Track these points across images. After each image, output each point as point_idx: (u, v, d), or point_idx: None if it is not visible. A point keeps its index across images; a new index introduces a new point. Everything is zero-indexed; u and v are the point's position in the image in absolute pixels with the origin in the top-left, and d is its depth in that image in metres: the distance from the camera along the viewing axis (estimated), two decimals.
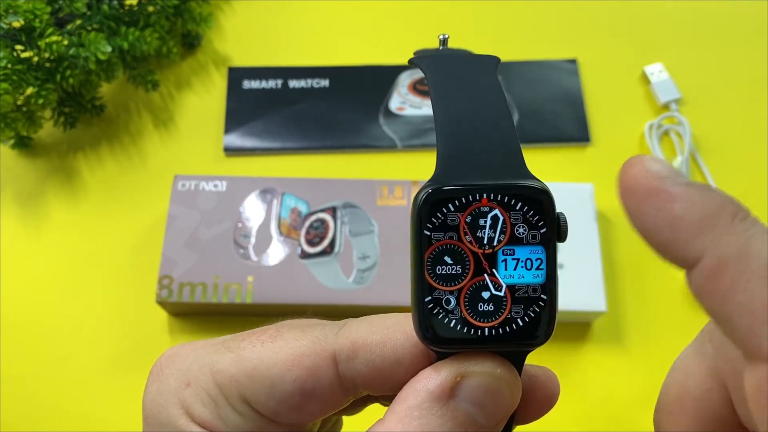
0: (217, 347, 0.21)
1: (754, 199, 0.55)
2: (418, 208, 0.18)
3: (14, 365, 0.48)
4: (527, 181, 0.19)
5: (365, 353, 0.20)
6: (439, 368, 0.19)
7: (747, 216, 0.15)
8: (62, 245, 0.53)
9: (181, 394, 0.21)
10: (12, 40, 0.50)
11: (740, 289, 0.14)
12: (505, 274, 0.19)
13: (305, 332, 0.21)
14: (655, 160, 0.16)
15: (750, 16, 0.64)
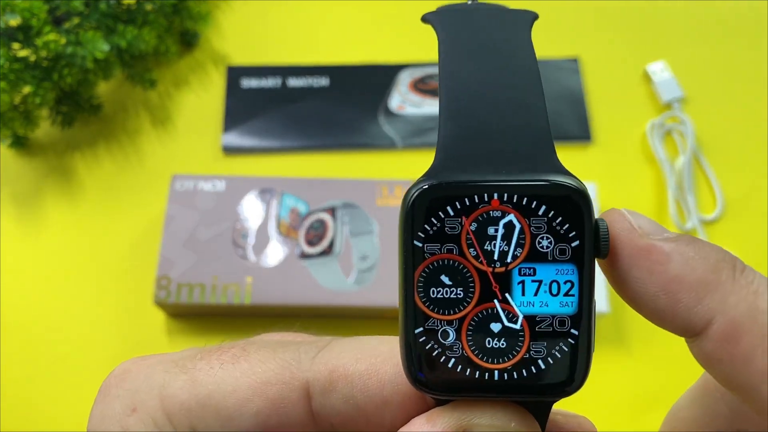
0: (171, 366, 0.18)
1: (757, 199, 0.55)
2: (407, 211, 0.14)
3: (12, 366, 0.48)
4: (556, 177, 0.14)
5: (345, 386, 0.16)
6: (435, 418, 0.15)
7: (745, 268, 0.13)
8: (60, 245, 0.52)
9: (124, 422, 0.17)
10: (9, 39, 0.50)
11: (760, 352, 0.12)
12: (522, 300, 0.14)
13: (275, 353, 0.17)
14: (637, 215, 0.14)
15: (753, 14, 0.63)
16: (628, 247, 0.14)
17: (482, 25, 0.16)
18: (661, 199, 0.54)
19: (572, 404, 0.50)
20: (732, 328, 0.13)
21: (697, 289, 0.13)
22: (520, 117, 0.15)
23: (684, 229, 0.53)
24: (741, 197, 0.55)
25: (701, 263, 0.13)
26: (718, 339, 0.13)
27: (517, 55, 0.16)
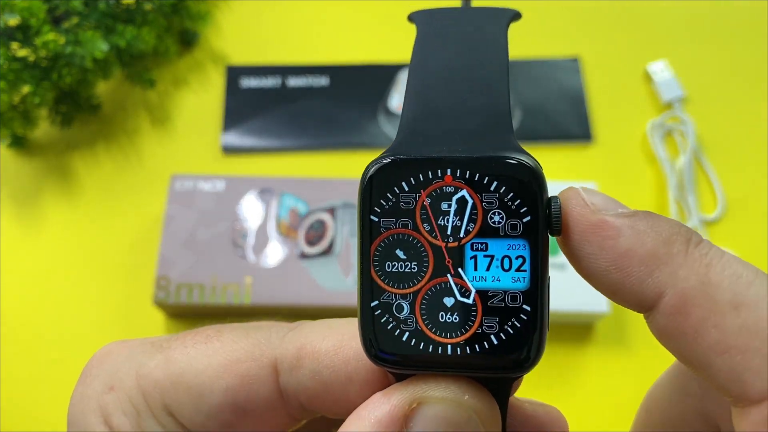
0: (148, 347, 0.18)
1: (758, 199, 0.54)
2: (365, 187, 0.14)
3: (12, 366, 0.48)
4: (508, 154, 0.14)
5: (311, 362, 0.16)
6: (391, 393, 0.15)
7: (700, 240, 0.13)
8: (59, 245, 0.52)
9: (102, 399, 0.18)
10: (8, 38, 0.49)
11: (711, 325, 0.12)
12: (474, 275, 0.14)
13: (248, 334, 0.18)
14: (592, 192, 0.14)
15: (754, 14, 0.63)
16: (581, 223, 0.14)
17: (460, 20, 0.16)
18: (662, 199, 0.54)
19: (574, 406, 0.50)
20: (682, 301, 0.13)
21: (647, 263, 0.13)
22: (480, 100, 0.15)
23: None
24: (742, 197, 0.54)
25: (652, 237, 0.13)
26: (669, 313, 0.13)
27: (487, 45, 0.16)
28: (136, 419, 0.17)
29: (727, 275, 0.13)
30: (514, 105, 0.58)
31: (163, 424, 0.17)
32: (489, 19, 0.16)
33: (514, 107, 0.58)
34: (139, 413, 0.17)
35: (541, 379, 0.47)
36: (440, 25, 0.16)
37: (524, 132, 0.56)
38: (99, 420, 0.17)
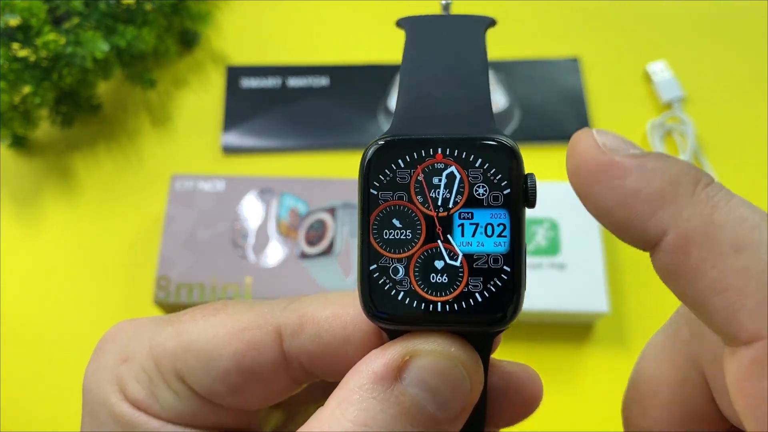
0: (159, 321, 0.20)
1: (757, 199, 0.55)
2: (365, 164, 0.16)
3: (12, 366, 0.48)
4: (491, 135, 0.16)
5: (312, 327, 0.18)
6: (387, 347, 0.16)
7: (710, 182, 0.14)
8: (59, 245, 0.52)
9: (117, 370, 0.19)
10: (9, 39, 0.49)
11: (710, 265, 0.13)
12: (461, 240, 0.16)
13: (252, 307, 0.19)
14: (605, 132, 0.14)
15: (754, 14, 0.63)
16: (592, 163, 0.14)
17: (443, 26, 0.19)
18: None
19: (574, 406, 0.50)
20: (683, 240, 0.13)
21: (651, 202, 0.13)
22: (464, 91, 0.17)
23: None
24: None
25: (660, 177, 0.13)
26: (670, 251, 0.13)
27: (468, 46, 0.18)
28: (149, 386, 0.18)
29: (732, 218, 0.13)
30: (513, 105, 0.58)
31: (174, 390, 0.18)
32: (470, 25, 0.19)
33: (513, 107, 0.58)
34: (152, 380, 0.19)
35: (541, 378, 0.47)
36: (426, 31, 0.18)
37: (524, 132, 0.57)
38: (114, 389, 0.19)
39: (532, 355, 0.48)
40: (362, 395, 0.15)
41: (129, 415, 0.18)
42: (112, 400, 0.19)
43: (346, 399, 0.15)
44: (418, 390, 0.16)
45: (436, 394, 0.16)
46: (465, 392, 0.16)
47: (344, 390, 0.16)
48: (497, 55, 0.61)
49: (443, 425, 0.16)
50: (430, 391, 0.16)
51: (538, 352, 0.49)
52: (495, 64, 0.60)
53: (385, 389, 0.15)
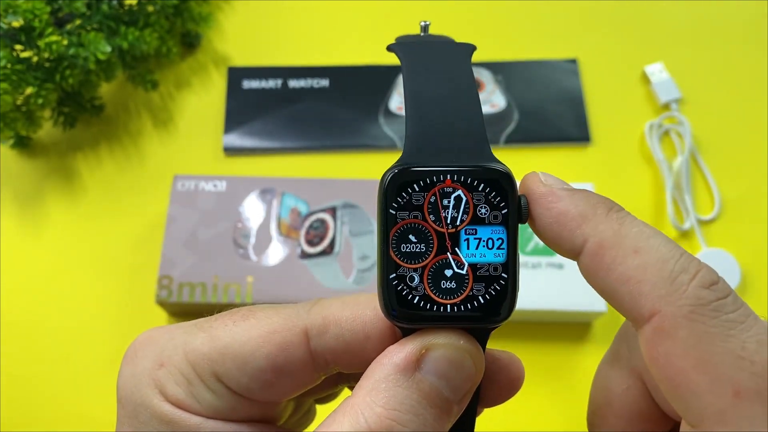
0: (190, 328, 0.22)
1: (754, 199, 0.55)
2: (385, 188, 0.19)
3: (13, 365, 0.48)
4: (489, 164, 0.19)
5: (336, 328, 0.21)
6: (405, 342, 0.19)
7: (621, 210, 0.18)
8: (61, 245, 0.53)
9: (154, 375, 0.21)
10: (11, 40, 0.50)
11: (618, 263, 0.17)
12: (467, 252, 0.19)
13: (277, 311, 0.21)
14: (547, 174, 0.19)
15: (750, 15, 0.64)
16: (535, 192, 0.19)
17: (434, 56, 0.22)
18: (659, 200, 0.55)
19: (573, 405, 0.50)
20: (599, 245, 0.17)
21: (577, 219, 0.18)
22: (462, 122, 0.20)
23: (682, 229, 0.53)
24: (738, 197, 0.55)
25: (583, 202, 0.18)
26: (590, 254, 0.17)
27: (460, 78, 0.21)
28: (188, 387, 0.21)
29: (634, 230, 0.17)
30: (512, 106, 0.58)
31: (212, 389, 0.21)
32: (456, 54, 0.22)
33: (512, 108, 0.58)
34: (191, 382, 0.21)
35: (539, 377, 0.47)
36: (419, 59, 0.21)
37: (522, 133, 0.57)
38: (155, 392, 0.21)
39: (531, 354, 0.49)
40: (388, 384, 0.18)
41: (171, 414, 0.20)
42: (154, 401, 0.21)
43: (375, 388, 0.18)
44: (435, 377, 0.18)
45: (449, 380, 0.19)
46: (471, 377, 0.19)
47: (371, 380, 0.18)
48: (496, 57, 0.61)
49: (453, 405, 0.19)
50: (445, 377, 0.19)
51: (537, 351, 0.49)
52: (494, 65, 0.60)
53: (407, 378, 0.18)
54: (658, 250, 0.17)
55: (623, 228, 0.17)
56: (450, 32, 0.25)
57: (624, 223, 0.17)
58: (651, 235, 0.17)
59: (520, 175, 0.18)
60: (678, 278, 0.16)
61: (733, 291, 0.16)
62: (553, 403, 0.47)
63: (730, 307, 0.16)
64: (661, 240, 0.17)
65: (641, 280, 0.16)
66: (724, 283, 0.16)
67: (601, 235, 0.17)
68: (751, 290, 0.51)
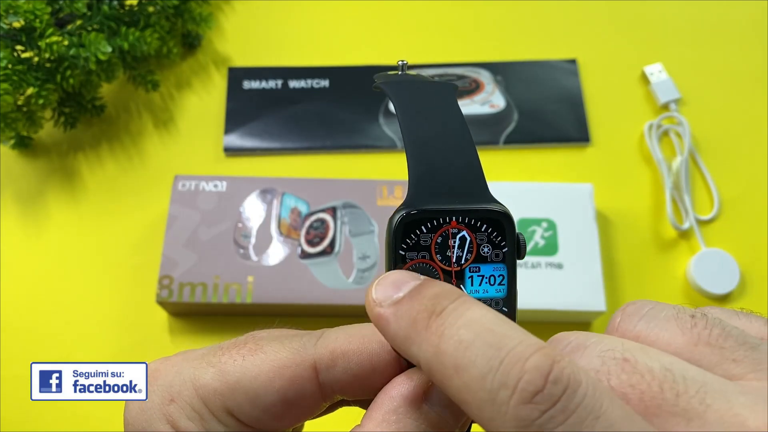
0: (199, 362, 0.22)
1: (753, 198, 0.55)
2: (394, 230, 0.20)
3: (14, 365, 0.48)
4: (491, 206, 0.20)
5: (344, 362, 0.21)
6: (412, 375, 0.20)
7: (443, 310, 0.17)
8: (62, 245, 0.53)
9: (165, 410, 0.21)
10: (12, 41, 0.50)
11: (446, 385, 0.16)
12: (471, 289, 0.20)
13: (284, 344, 0.22)
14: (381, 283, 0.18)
15: (749, 16, 0.64)
16: (371, 315, 0.18)
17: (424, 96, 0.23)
18: (659, 200, 0.55)
19: None
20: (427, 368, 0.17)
21: (404, 342, 0.17)
22: (460, 163, 0.21)
23: (681, 229, 0.53)
24: (737, 197, 0.55)
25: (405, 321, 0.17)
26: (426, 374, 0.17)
27: (452, 117, 0.22)
28: (201, 422, 0.21)
29: (453, 342, 0.16)
30: (511, 107, 0.59)
31: (224, 423, 0.21)
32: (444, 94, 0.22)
33: (511, 109, 0.58)
34: (202, 417, 0.21)
35: None
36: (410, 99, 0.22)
37: (522, 134, 0.57)
38: (167, 427, 0.21)
39: None
40: (398, 416, 0.19)
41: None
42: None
43: (386, 420, 0.19)
44: (441, 409, 0.19)
45: (453, 410, 0.19)
46: None
47: (380, 412, 0.19)
48: (496, 57, 0.61)
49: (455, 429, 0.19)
50: (450, 407, 0.19)
51: None
52: (494, 65, 0.61)
53: (415, 410, 0.19)
54: (475, 366, 0.15)
55: (443, 343, 0.16)
56: (450, 32, 0.25)
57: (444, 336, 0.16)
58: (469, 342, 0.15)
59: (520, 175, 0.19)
60: (498, 397, 0.14)
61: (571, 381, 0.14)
62: None
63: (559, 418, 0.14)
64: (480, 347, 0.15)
65: (467, 402, 0.15)
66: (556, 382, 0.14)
67: (425, 357, 0.16)
68: (750, 290, 0.51)
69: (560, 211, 0.50)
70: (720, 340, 0.16)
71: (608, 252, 0.53)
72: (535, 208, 0.50)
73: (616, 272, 0.52)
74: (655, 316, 0.17)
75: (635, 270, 0.52)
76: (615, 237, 0.53)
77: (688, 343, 0.16)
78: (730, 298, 0.51)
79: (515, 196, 0.51)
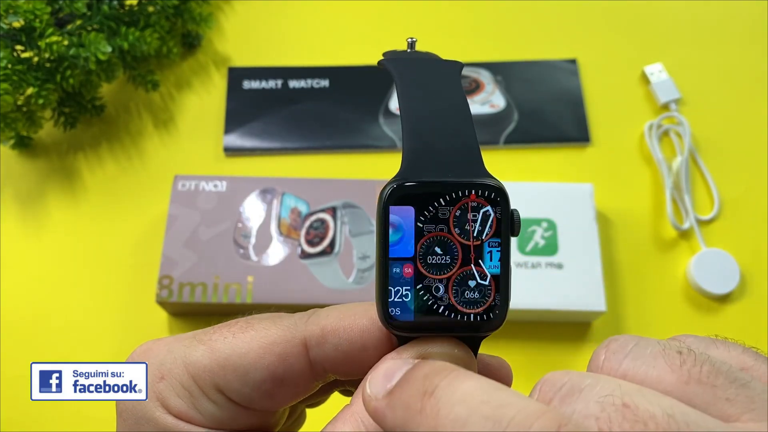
0: (189, 341, 0.22)
1: (753, 199, 0.55)
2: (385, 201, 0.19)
3: (14, 365, 0.48)
4: (486, 180, 0.20)
5: (334, 338, 0.21)
6: (402, 351, 0.19)
7: (435, 389, 0.16)
8: (62, 245, 0.53)
9: (155, 388, 0.21)
10: (12, 41, 0.50)
11: None
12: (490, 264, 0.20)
13: (275, 322, 0.22)
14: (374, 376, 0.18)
15: (750, 16, 0.64)
16: (368, 412, 0.18)
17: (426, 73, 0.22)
18: (659, 200, 0.55)
19: None
20: None
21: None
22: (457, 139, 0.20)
23: (681, 230, 0.53)
24: (737, 197, 0.55)
25: (400, 410, 0.16)
26: None
27: (452, 95, 0.21)
28: (190, 400, 0.21)
29: (449, 422, 0.15)
30: (511, 106, 0.59)
31: (214, 401, 0.21)
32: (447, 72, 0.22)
33: (511, 109, 0.58)
34: (192, 394, 0.21)
35: (539, 377, 0.48)
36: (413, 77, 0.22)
37: (522, 134, 0.57)
38: (156, 405, 0.21)
39: (531, 354, 0.49)
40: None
41: (175, 426, 0.21)
42: (156, 414, 0.21)
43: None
44: None
45: None
46: None
47: None
48: (496, 57, 0.61)
49: None
50: None
51: (537, 351, 0.49)
52: (494, 65, 0.61)
53: None
54: None
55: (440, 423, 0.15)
56: (450, 32, 0.25)
57: (439, 416, 0.15)
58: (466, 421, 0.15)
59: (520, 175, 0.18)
60: None
61: None
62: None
63: None
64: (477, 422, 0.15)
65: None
66: None
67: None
68: (750, 290, 0.51)
69: (560, 211, 0.50)
70: (711, 377, 0.15)
71: (608, 252, 0.53)
72: (535, 208, 0.50)
73: (616, 272, 0.52)
74: (641, 354, 0.17)
75: (635, 270, 0.52)
76: (615, 237, 0.53)
77: (678, 382, 0.16)
78: (730, 298, 0.51)
79: (515, 196, 0.50)
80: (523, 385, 0.23)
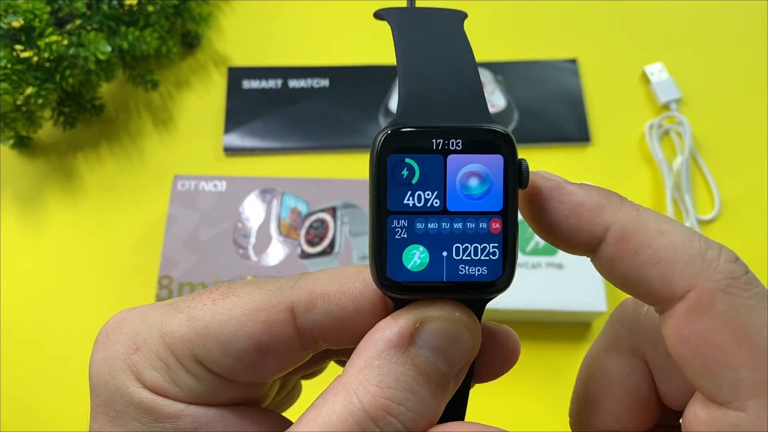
0: (166, 309, 0.20)
1: (754, 199, 0.55)
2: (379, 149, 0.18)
3: (14, 365, 0.48)
4: (491, 125, 0.18)
5: (323, 303, 0.19)
6: (397, 316, 0.18)
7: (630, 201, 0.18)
8: (62, 245, 0.53)
9: (129, 360, 0.19)
10: (12, 40, 0.50)
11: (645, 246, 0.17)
12: None
13: (260, 287, 0.20)
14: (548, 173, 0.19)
15: (750, 15, 0.64)
16: (546, 188, 0.18)
17: (427, 20, 0.20)
18: (659, 200, 0.55)
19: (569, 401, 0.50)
20: (623, 231, 0.17)
21: (595, 209, 0.17)
22: (459, 84, 0.19)
23: None
24: (738, 197, 0.55)
25: (596, 193, 0.18)
26: (614, 241, 0.17)
27: (454, 39, 0.20)
28: (167, 372, 0.19)
29: (652, 215, 0.17)
30: (512, 106, 0.59)
31: (193, 373, 0.19)
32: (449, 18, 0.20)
33: (512, 109, 0.58)
34: (169, 366, 0.19)
35: (539, 377, 0.47)
36: (411, 22, 0.20)
37: (522, 133, 0.57)
38: (130, 378, 0.19)
39: (531, 354, 0.49)
40: (382, 361, 0.17)
41: (150, 401, 0.19)
42: (130, 388, 0.19)
43: (368, 365, 0.17)
44: (430, 352, 0.18)
45: (445, 354, 0.18)
46: (468, 350, 0.18)
47: (363, 357, 0.17)
48: (496, 57, 0.61)
49: (450, 380, 0.18)
50: (441, 352, 0.18)
51: (537, 351, 0.49)
52: (494, 65, 0.61)
53: (401, 354, 0.17)
54: (681, 231, 0.17)
55: (641, 214, 0.17)
56: None
57: (640, 210, 0.17)
58: (669, 219, 0.17)
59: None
60: (707, 255, 0.16)
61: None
62: (552, 402, 0.47)
63: (755, 281, 0.16)
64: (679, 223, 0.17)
65: (672, 259, 0.16)
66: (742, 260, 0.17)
67: (623, 222, 0.17)
68: None
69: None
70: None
71: None
72: None
73: None
74: None
75: None
76: None
77: None
78: None
79: None
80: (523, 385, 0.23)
